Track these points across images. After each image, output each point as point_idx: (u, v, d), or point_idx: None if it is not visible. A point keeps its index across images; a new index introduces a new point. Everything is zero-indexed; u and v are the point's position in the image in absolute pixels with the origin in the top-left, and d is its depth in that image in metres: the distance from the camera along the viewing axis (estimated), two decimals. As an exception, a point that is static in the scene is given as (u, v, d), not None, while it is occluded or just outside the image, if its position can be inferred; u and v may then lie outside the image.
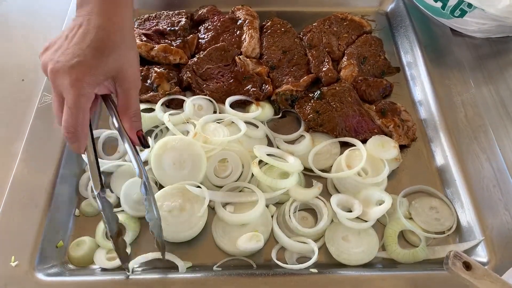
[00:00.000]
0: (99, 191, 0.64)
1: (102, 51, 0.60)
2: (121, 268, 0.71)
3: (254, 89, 0.93)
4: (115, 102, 0.67)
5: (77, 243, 0.75)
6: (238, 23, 1.06)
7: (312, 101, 0.92)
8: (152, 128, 0.90)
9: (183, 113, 0.88)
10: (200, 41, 1.04)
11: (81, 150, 0.64)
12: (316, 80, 0.99)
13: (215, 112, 0.93)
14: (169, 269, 0.72)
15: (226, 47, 0.99)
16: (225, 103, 0.90)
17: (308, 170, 0.85)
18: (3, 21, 1.12)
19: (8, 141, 0.86)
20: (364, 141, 0.87)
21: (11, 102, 0.93)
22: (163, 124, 0.87)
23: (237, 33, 1.04)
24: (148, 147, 0.69)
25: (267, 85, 0.95)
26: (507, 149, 0.86)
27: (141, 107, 0.79)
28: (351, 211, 0.77)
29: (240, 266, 0.74)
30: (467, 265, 0.58)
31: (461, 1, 0.97)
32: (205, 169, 0.79)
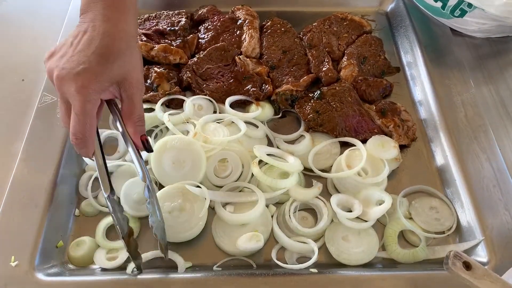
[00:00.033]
0: (109, 194, 0.65)
1: (107, 57, 0.60)
2: (121, 268, 0.72)
3: (254, 89, 0.93)
4: (118, 106, 0.68)
5: (77, 243, 0.75)
6: (238, 23, 1.06)
7: (312, 101, 0.92)
8: (152, 128, 0.89)
9: (183, 113, 0.88)
10: (200, 41, 1.03)
11: (89, 154, 0.65)
12: (316, 80, 0.99)
13: (215, 112, 0.93)
14: (169, 269, 0.72)
15: (226, 47, 0.99)
16: (225, 103, 0.90)
17: (308, 170, 0.85)
18: (3, 21, 1.12)
19: (8, 141, 0.86)
20: (364, 141, 0.87)
21: (11, 102, 0.93)
22: (163, 124, 0.87)
23: (237, 33, 1.04)
24: (152, 151, 0.70)
25: (267, 85, 0.95)
26: (507, 149, 0.86)
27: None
28: (351, 211, 0.77)
29: (240, 266, 0.74)
30: (467, 265, 0.57)
31: (461, 1, 0.97)
32: (205, 168, 0.79)
